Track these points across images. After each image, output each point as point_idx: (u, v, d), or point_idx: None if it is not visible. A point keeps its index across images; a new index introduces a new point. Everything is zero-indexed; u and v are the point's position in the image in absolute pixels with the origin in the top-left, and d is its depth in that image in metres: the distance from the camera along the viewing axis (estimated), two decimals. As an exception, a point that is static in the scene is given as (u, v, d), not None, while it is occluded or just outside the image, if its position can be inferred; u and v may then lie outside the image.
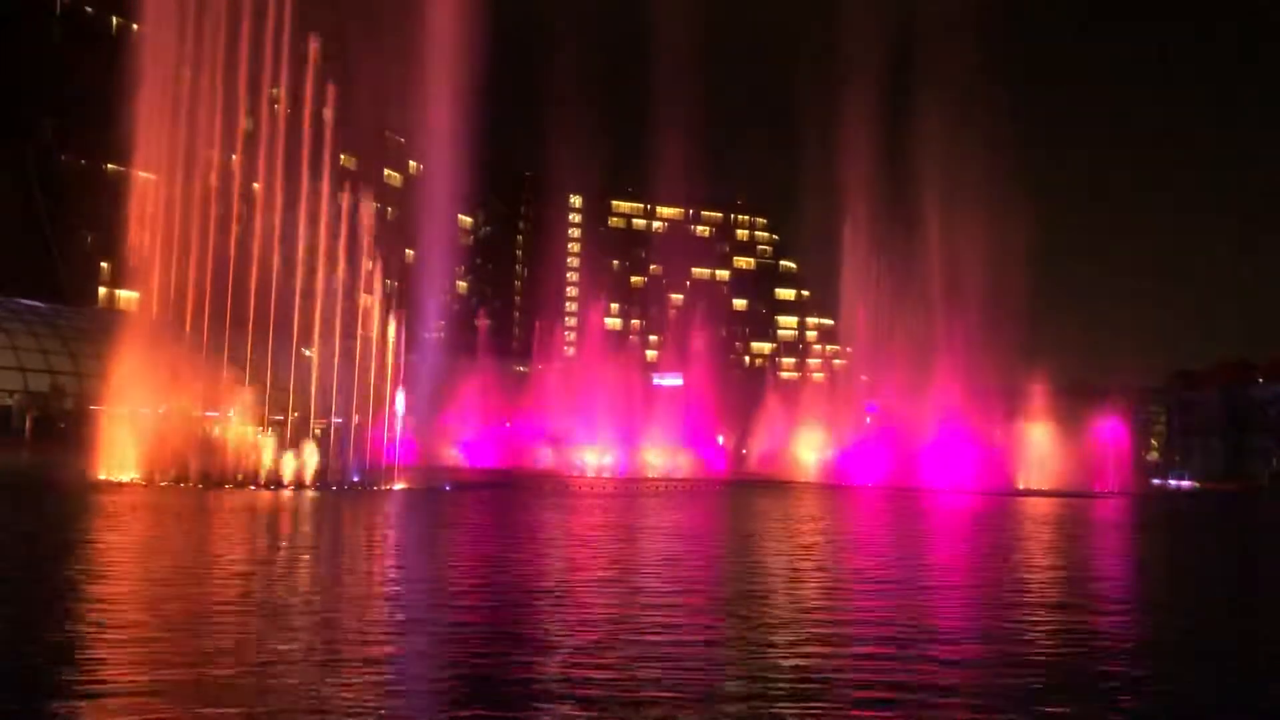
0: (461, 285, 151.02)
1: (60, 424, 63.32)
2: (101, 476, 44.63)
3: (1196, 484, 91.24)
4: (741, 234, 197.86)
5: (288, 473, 46.67)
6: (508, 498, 46.94)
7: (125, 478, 44.73)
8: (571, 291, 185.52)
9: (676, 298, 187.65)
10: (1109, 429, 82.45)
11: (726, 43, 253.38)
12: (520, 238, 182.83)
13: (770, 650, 13.15)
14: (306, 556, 23.85)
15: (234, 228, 58.89)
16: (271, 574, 19.94)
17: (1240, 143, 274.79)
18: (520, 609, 16.10)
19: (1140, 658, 13.98)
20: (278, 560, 22.74)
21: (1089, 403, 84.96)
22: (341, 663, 11.77)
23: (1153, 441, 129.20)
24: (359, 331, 56.13)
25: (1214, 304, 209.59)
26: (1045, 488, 71.71)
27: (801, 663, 12.29)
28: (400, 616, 15.31)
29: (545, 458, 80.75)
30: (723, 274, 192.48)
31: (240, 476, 45.75)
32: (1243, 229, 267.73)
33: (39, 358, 73.56)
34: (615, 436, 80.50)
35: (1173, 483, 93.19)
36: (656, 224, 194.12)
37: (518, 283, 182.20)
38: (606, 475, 73.40)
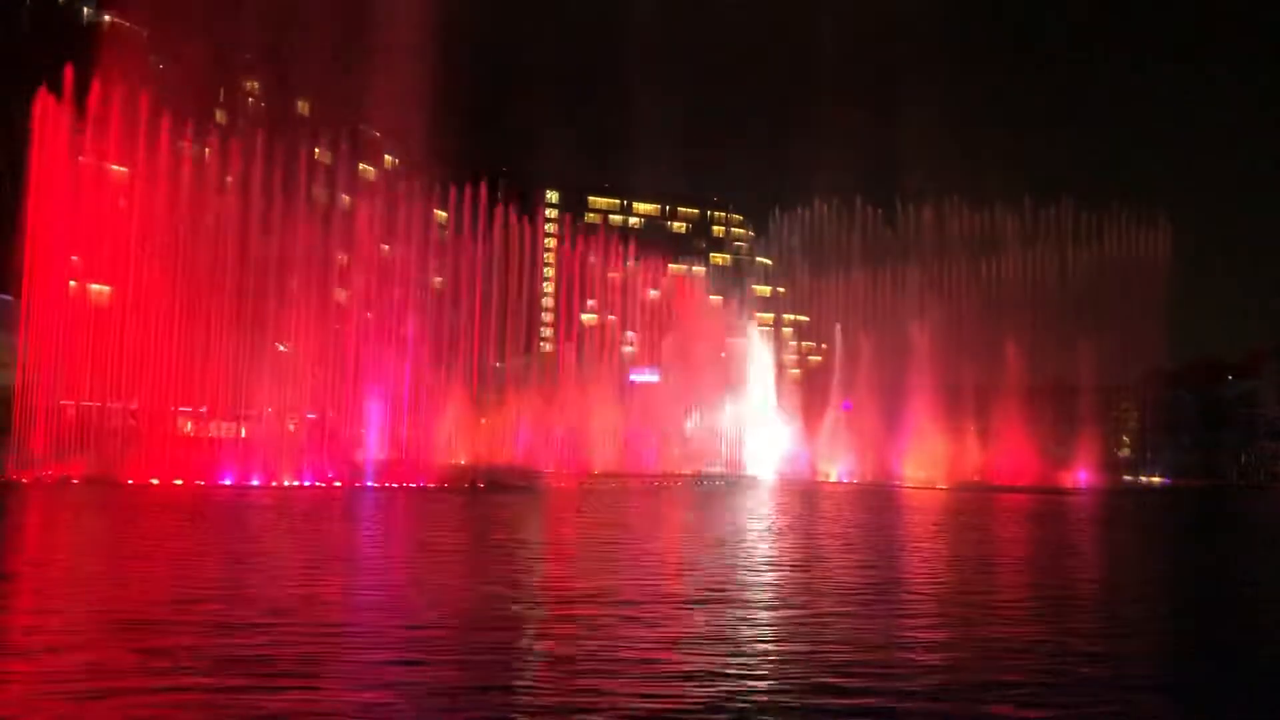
0: (437, 280, 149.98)
1: (29, 420, 62.34)
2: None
3: (1168, 480, 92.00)
4: (718, 230, 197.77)
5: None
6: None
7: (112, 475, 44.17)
8: (548, 287, 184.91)
9: (653, 294, 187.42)
10: (1082, 426, 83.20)
11: (704, 40, 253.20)
12: (496, 233, 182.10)
13: None
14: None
15: (208, 221, 58.33)
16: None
17: (1222, 140, 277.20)
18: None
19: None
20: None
21: (1063, 400, 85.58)
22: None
23: (1124, 438, 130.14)
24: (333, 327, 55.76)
25: (1186, 303, 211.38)
26: (1015, 483, 72.12)
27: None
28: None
29: (517, 454, 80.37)
30: (699, 270, 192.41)
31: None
32: (1218, 228, 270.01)
33: (6, 353, 72.52)
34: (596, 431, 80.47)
35: (1144, 479, 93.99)
36: (633, 220, 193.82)
37: (493, 277, 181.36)
38: (582, 470, 73.14)
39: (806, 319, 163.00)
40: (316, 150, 77.03)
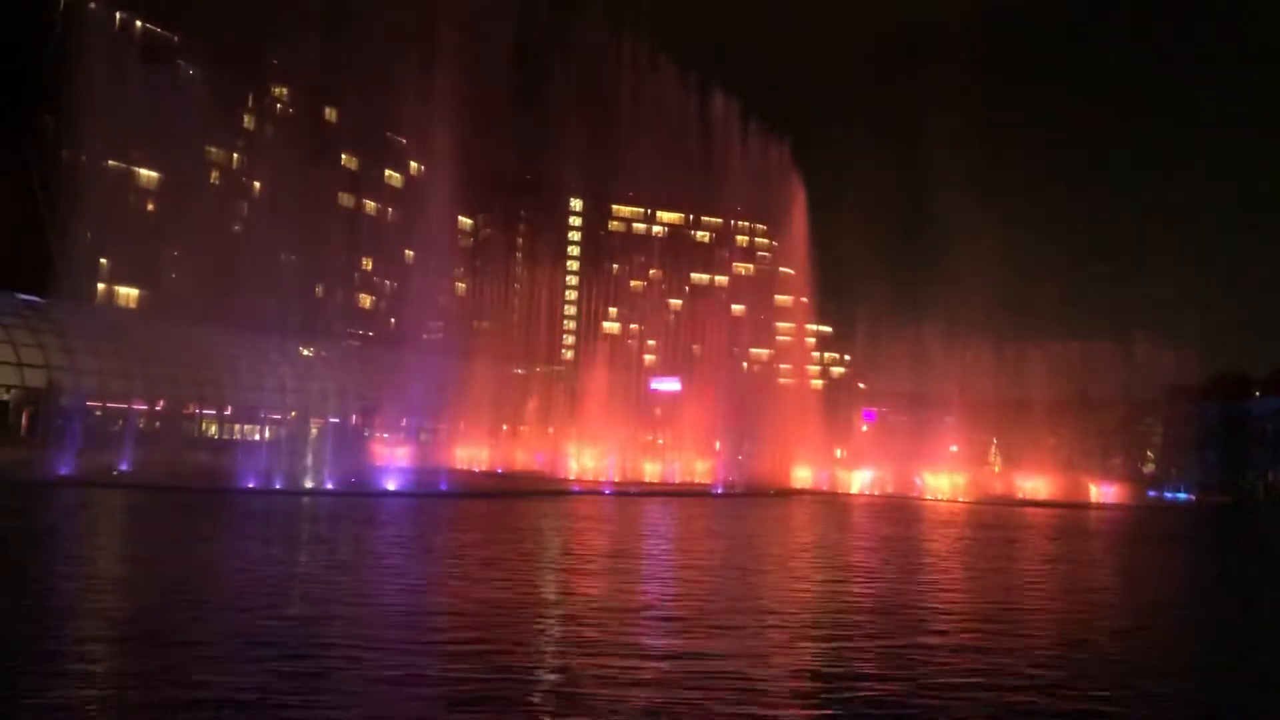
0: (460, 287, 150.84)
1: (58, 421, 62.92)
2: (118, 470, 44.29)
3: (1193, 496, 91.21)
4: (741, 240, 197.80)
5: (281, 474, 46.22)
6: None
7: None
8: (571, 295, 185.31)
9: (675, 303, 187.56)
10: (1106, 441, 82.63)
11: (727, 49, 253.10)
12: (520, 240, 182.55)
13: None
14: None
15: (234, 226, 58.74)
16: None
17: (1237, 148, 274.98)
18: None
19: None
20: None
21: (1086, 414, 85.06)
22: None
23: (1149, 454, 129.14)
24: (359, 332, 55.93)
25: (1214, 317, 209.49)
26: (1038, 498, 71.65)
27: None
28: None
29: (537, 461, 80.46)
30: (722, 279, 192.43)
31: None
32: (1241, 241, 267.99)
33: (37, 353, 73.23)
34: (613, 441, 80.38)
35: (1169, 494, 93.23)
36: (656, 229, 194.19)
37: (516, 285, 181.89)
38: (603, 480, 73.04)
39: (830, 330, 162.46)
40: (343, 157, 77.63)
